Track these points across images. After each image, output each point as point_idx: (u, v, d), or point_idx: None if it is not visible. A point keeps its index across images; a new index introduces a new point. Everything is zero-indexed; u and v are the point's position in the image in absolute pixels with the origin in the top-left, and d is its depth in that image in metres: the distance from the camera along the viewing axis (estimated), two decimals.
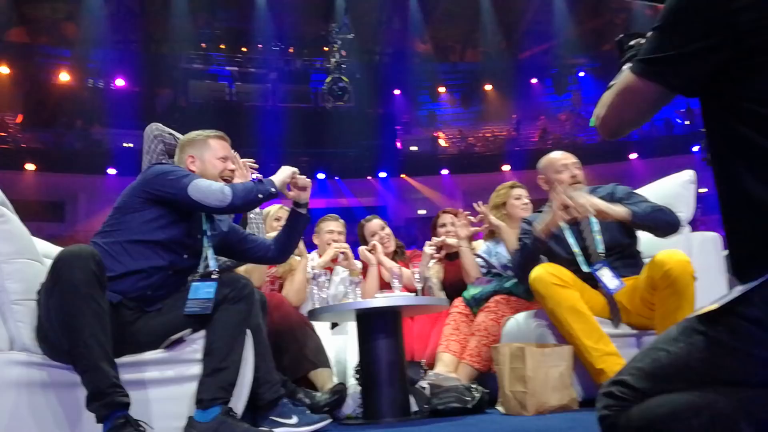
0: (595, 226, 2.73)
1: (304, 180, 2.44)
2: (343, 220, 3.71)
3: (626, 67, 1.22)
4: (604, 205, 2.54)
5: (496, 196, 3.52)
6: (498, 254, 3.39)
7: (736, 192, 1.07)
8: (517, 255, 2.83)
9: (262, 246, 2.53)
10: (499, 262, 3.36)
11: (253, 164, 2.76)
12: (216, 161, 2.39)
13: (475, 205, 3.34)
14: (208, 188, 2.17)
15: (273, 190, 2.29)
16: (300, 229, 2.54)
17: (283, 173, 2.37)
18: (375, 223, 3.69)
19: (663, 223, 2.61)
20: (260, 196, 2.25)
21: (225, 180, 2.39)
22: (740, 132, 1.05)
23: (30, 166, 17.11)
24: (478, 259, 3.38)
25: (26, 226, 2.18)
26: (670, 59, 1.09)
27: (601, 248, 2.68)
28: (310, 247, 3.74)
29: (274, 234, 3.06)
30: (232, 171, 2.45)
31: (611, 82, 1.26)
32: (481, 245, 3.52)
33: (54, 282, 1.83)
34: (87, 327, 1.80)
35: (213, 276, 2.20)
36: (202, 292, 2.12)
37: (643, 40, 1.30)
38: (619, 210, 2.56)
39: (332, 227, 3.59)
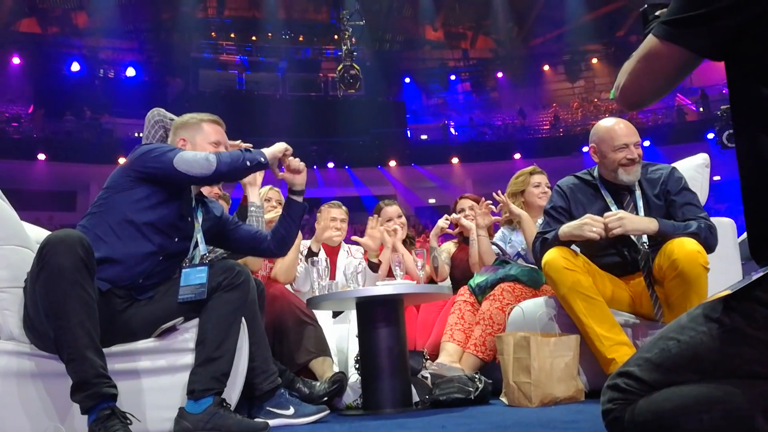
0: (641, 212, 2.54)
1: (297, 162, 2.35)
2: (345, 207, 3.66)
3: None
4: (632, 227, 2.37)
5: (515, 183, 3.46)
6: (513, 242, 3.33)
7: (760, 165, 1.00)
8: (537, 244, 2.62)
9: (257, 236, 2.45)
10: (513, 249, 3.30)
11: (248, 146, 2.69)
12: (207, 146, 2.31)
13: (495, 194, 3.29)
14: (193, 158, 2.11)
15: (262, 159, 2.21)
16: (296, 218, 2.45)
17: (276, 147, 2.30)
18: (393, 210, 3.68)
19: None
20: (248, 163, 2.17)
21: None
22: (766, 97, 0.98)
23: (41, 156, 17.21)
24: (493, 247, 3.33)
25: (38, 215, 2.14)
26: (698, 19, 1.02)
27: (644, 237, 2.52)
28: (312, 233, 3.69)
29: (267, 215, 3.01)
30: None
31: (634, 52, 1.18)
32: (497, 233, 3.50)
33: (40, 268, 1.75)
34: (73, 314, 1.73)
35: (204, 261, 2.14)
36: (193, 277, 2.06)
37: None
38: (645, 227, 2.38)
39: (335, 214, 3.55)
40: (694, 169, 2.88)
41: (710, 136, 17.03)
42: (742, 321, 0.97)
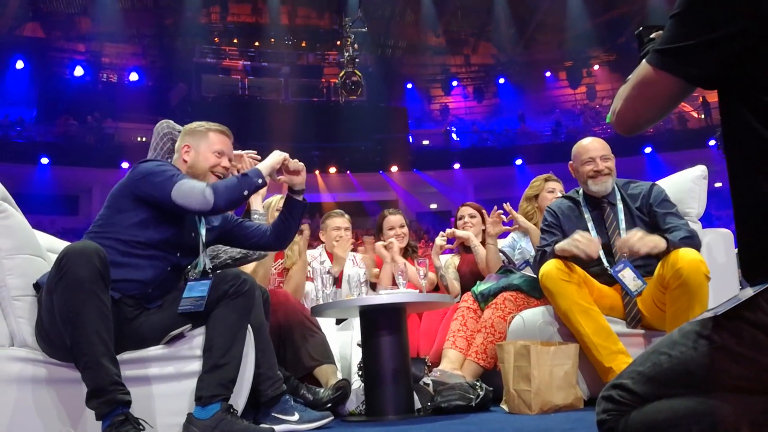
0: (622, 224, 2.68)
1: (295, 163, 2.33)
2: (347, 215, 3.71)
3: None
4: (643, 249, 2.40)
5: (530, 188, 3.59)
6: (522, 249, 3.38)
7: (749, 190, 1.03)
8: (537, 256, 2.78)
9: (257, 231, 2.47)
10: (522, 256, 3.35)
11: (255, 156, 2.71)
12: (210, 155, 2.31)
13: (505, 205, 3.36)
14: (190, 191, 2.08)
15: (259, 182, 2.20)
16: (297, 217, 2.45)
17: (272, 159, 2.27)
18: (395, 219, 3.74)
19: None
20: (245, 193, 2.16)
21: (217, 176, 2.32)
22: (756, 128, 1.00)
23: (44, 160, 17.27)
24: (501, 255, 3.39)
25: (41, 219, 2.18)
26: (690, 49, 1.03)
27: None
28: (317, 241, 3.74)
29: None
30: (226, 168, 2.36)
31: (629, 76, 1.19)
32: (506, 239, 3.57)
33: (59, 278, 1.81)
34: (90, 323, 1.79)
35: (209, 275, 2.19)
36: (196, 290, 2.12)
37: None
38: (654, 245, 2.41)
39: (338, 223, 3.60)
40: (692, 181, 2.92)
41: (712, 142, 17.08)
42: (731, 339, 1.00)
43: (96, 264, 1.81)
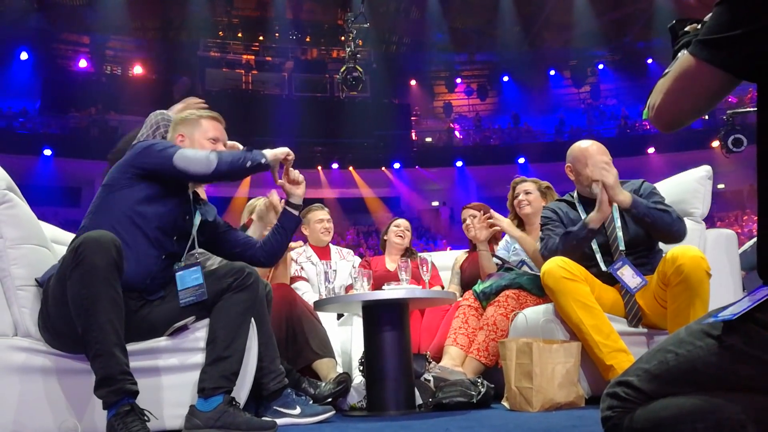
0: (617, 222, 2.69)
1: (296, 173, 2.36)
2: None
3: (683, 51, 1.10)
4: (613, 186, 2.53)
5: (510, 196, 3.54)
6: (517, 249, 3.38)
7: None
8: (558, 242, 2.70)
9: (247, 242, 2.45)
10: (518, 257, 3.35)
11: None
12: (205, 142, 2.30)
13: (492, 213, 3.37)
14: (194, 155, 2.11)
15: (263, 161, 2.20)
16: (289, 231, 2.46)
17: (278, 149, 2.29)
18: (403, 221, 3.99)
19: (663, 223, 2.52)
20: (248, 164, 2.17)
21: None
22: None
23: (47, 152, 17.30)
24: (495, 259, 3.39)
25: (43, 211, 2.17)
26: (737, 39, 0.96)
27: (621, 245, 2.64)
28: (299, 237, 3.75)
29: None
30: None
31: (666, 70, 1.13)
32: (500, 242, 3.57)
33: (74, 265, 1.80)
34: (104, 312, 1.79)
35: (197, 261, 2.17)
36: (189, 280, 2.10)
37: (699, 26, 1.16)
38: (622, 197, 2.53)
39: (321, 216, 3.67)
40: (697, 181, 2.91)
41: (715, 144, 17.04)
42: (740, 339, 1.00)
43: (112, 254, 1.81)
